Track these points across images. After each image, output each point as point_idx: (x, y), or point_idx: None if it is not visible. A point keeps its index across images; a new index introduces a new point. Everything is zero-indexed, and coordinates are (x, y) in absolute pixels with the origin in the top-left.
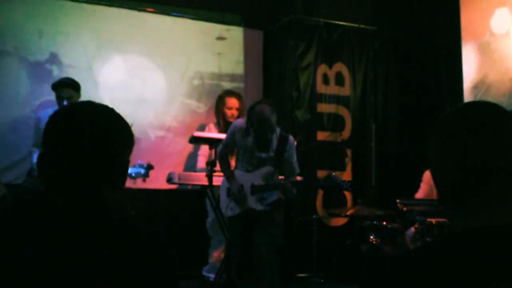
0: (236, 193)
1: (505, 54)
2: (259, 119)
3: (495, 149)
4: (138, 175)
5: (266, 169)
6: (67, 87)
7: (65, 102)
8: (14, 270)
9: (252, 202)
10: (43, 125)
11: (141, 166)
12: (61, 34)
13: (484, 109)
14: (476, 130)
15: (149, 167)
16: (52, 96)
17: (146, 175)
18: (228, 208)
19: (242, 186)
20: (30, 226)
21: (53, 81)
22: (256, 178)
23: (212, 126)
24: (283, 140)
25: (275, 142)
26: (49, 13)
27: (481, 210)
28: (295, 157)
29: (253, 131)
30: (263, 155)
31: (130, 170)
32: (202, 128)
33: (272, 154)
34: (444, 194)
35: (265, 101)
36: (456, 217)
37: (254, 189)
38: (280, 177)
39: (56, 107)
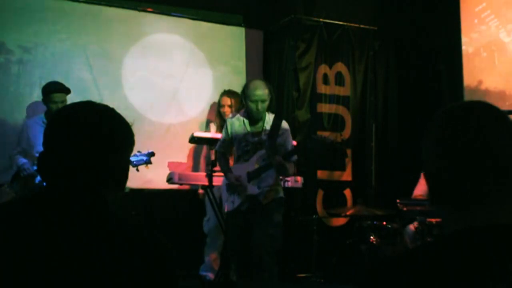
0: (234, 182)
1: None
2: (252, 88)
3: (494, 150)
4: (140, 162)
5: (259, 153)
6: (60, 92)
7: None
8: (13, 269)
9: (250, 189)
10: (30, 132)
11: (141, 154)
12: (60, 34)
13: (481, 109)
14: (476, 130)
15: (151, 154)
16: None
17: (148, 162)
18: (229, 202)
19: (240, 176)
20: (30, 226)
21: (51, 81)
22: (250, 165)
23: (212, 124)
24: (276, 124)
25: (268, 126)
26: (48, 13)
27: (481, 210)
28: (290, 142)
29: (246, 115)
30: (256, 139)
31: (130, 159)
32: (207, 123)
33: (264, 137)
34: (441, 194)
35: (258, 78)
36: (453, 217)
37: (250, 175)
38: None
39: (43, 113)
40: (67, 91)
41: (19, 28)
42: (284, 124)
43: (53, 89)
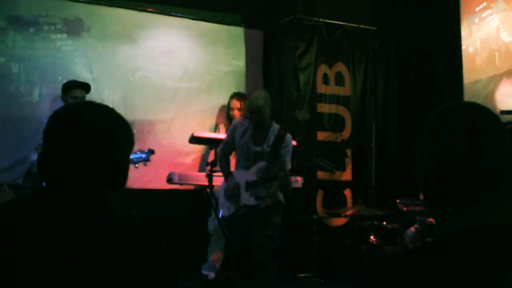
0: (229, 189)
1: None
2: (249, 102)
3: (486, 150)
4: (139, 159)
5: (260, 164)
6: (81, 88)
7: None
8: (13, 269)
9: (246, 199)
10: None
11: (141, 151)
12: (60, 34)
13: (472, 110)
14: (467, 131)
15: (150, 152)
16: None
17: (147, 159)
18: (225, 207)
19: (238, 184)
20: (30, 226)
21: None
22: (250, 174)
23: (221, 126)
24: (280, 136)
25: (271, 137)
26: (48, 13)
27: (479, 212)
28: (289, 156)
29: (251, 125)
30: (258, 148)
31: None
32: (214, 127)
33: (267, 148)
34: (434, 196)
35: (260, 88)
36: (445, 218)
37: (248, 185)
38: None
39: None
40: (88, 88)
41: (19, 28)
42: (288, 137)
43: (74, 85)
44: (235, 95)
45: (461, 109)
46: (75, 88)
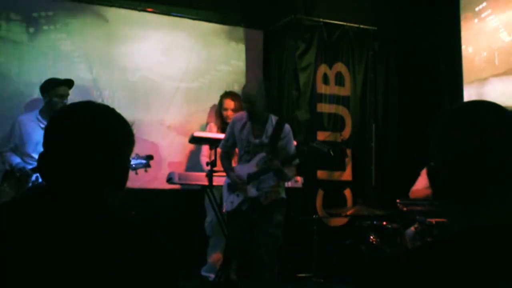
0: (236, 180)
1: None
2: (243, 91)
3: (496, 150)
4: (139, 165)
5: (260, 155)
6: (66, 85)
7: (65, 101)
8: (13, 269)
9: (249, 191)
10: (23, 128)
11: (140, 157)
12: (60, 34)
13: (487, 109)
14: (479, 129)
15: (149, 157)
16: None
17: (147, 165)
18: (228, 202)
19: (241, 176)
20: (30, 226)
21: (52, 77)
22: (251, 167)
23: (212, 125)
24: (278, 127)
25: (270, 129)
26: (48, 12)
27: (481, 210)
28: (292, 146)
29: (249, 118)
30: (257, 141)
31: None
32: (204, 127)
33: (266, 140)
34: (442, 191)
35: (256, 79)
36: (454, 214)
37: (250, 177)
38: None
39: (37, 110)
40: (71, 84)
41: (19, 28)
42: (286, 128)
43: (58, 83)
44: (229, 95)
45: (473, 107)
46: (60, 86)
